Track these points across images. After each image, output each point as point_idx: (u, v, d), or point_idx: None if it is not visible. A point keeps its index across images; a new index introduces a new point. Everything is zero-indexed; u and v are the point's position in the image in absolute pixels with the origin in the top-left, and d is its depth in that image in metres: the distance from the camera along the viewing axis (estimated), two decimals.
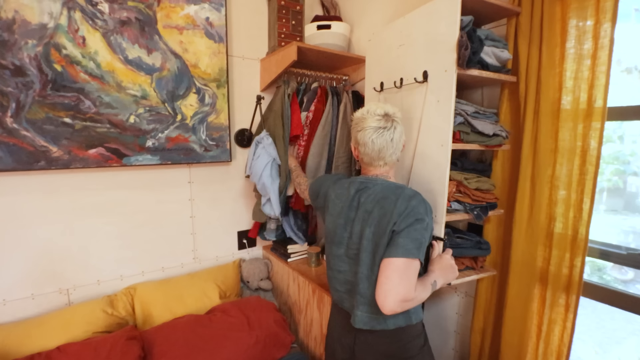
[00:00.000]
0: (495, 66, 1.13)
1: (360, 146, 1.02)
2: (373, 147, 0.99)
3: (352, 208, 1.02)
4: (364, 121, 1.00)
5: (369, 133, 0.98)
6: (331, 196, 1.09)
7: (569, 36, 1.05)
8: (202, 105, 1.70)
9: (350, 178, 1.10)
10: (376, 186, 1.00)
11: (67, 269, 1.48)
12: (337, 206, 1.05)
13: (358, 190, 1.02)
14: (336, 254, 1.06)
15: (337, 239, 1.05)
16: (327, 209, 1.09)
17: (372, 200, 0.97)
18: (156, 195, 1.69)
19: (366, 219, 0.97)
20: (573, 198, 1.08)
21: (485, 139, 1.14)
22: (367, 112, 1.01)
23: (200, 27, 1.64)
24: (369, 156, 1.01)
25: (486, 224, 1.28)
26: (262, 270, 1.92)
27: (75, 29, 1.36)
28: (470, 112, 1.13)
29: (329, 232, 1.08)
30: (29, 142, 1.32)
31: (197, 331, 1.41)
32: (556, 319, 1.11)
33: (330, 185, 1.13)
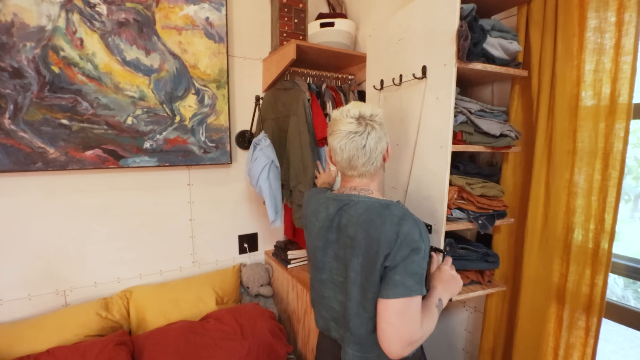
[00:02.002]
0: (502, 59, 1.02)
1: (332, 152, 0.88)
2: (342, 155, 0.85)
3: (332, 229, 0.86)
4: (336, 123, 0.86)
5: (337, 138, 0.84)
6: (307, 213, 0.95)
7: (588, 24, 0.94)
8: (202, 107, 1.68)
9: (329, 192, 0.94)
10: (358, 204, 0.83)
11: (64, 271, 1.48)
12: (314, 226, 0.91)
13: (339, 209, 0.86)
14: (319, 279, 0.92)
15: (318, 264, 0.91)
16: (306, 227, 0.96)
17: (355, 223, 0.81)
18: (154, 198, 1.67)
19: (350, 247, 0.81)
20: (594, 207, 0.96)
21: (491, 140, 1.03)
22: (341, 113, 0.86)
23: (199, 28, 1.62)
24: (340, 165, 0.88)
25: (495, 234, 1.17)
26: (262, 276, 1.87)
27: (73, 31, 1.36)
28: (474, 110, 1.03)
29: (309, 253, 0.96)
30: (26, 144, 1.33)
31: (188, 338, 1.37)
32: (575, 344, 0.98)
33: (309, 199, 0.99)
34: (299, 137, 1.56)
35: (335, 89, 1.73)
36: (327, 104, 1.66)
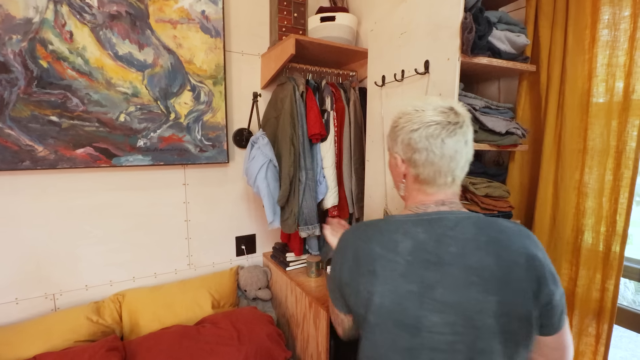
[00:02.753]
0: (509, 53, 0.98)
1: (418, 153, 0.64)
2: (442, 153, 0.63)
3: (430, 265, 0.60)
4: (420, 115, 0.64)
5: (433, 131, 0.62)
6: (373, 251, 0.64)
7: (601, 16, 0.89)
8: (197, 104, 1.63)
9: (391, 218, 0.68)
10: (461, 223, 0.62)
11: (53, 273, 1.43)
12: (393, 265, 0.62)
13: (437, 235, 0.62)
14: (405, 347, 0.60)
15: (408, 321, 0.60)
16: (373, 275, 0.63)
17: (474, 247, 0.59)
18: (148, 198, 1.62)
19: (478, 283, 0.58)
20: (605, 208, 0.92)
21: (496, 138, 0.98)
22: (424, 104, 0.66)
23: (195, 21, 1.57)
24: (432, 169, 0.64)
25: None
26: (260, 279, 1.82)
27: (62, 23, 1.31)
28: (479, 106, 0.99)
29: (385, 312, 0.62)
30: (13, 141, 1.27)
31: (183, 344, 1.32)
32: (585, 351, 0.94)
33: (352, 238, 0.69)
34: (282, 131, 1.52)
35: (335, 86, 1.69)
36: (326, 99, 1.61)
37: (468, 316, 0.58)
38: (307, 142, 1.54)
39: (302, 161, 1.52)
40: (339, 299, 0.71)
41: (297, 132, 1.50)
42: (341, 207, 1.63)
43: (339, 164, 1.63)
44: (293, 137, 1.49)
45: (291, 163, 1.49)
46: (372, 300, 0.62)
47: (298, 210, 1.52)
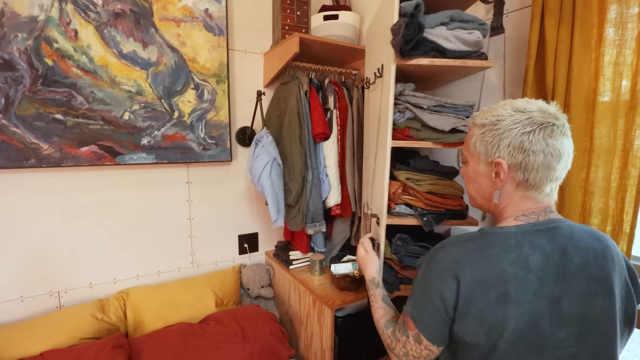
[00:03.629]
0: (459, 51, 0.98)
1: (534, 156, 0.60)
2: (562, 154, 0.60)
3: (557, 278, 0.58)
4: (529, 116, 0.61)
5: (552, 132, 0.60)
6: (505, 272, 0.58)
7: (609, 14, 0.89)
8: (201, 102, 1.63)
9: (500, 230, 0.63)
10: (575, 231, 0.61)
11: (58, 271, 1.43)
12: (526, 284, 0.58)
13: (561, 246, 0.60)
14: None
15: (541, 340, 0.58)
16: (507, 299, 0.58)
17: (593, 256, 0.60)
18: (152, 196, 1.62)
19: (603, 292, 0.59)
20: (612, 207, 0.92)
21: (440, 136, 0.99)
22: (525, 105, 0.63)
23: (199, 20, 1.57)
24: (548, 173, 0.61)
25: None
26: (263, 277, 1.82)
27: (67, 21, 1.31)
28: (427, 105, 1.00)
29: (518, 336, 0.58)
30: (18, 139, 1.27)
31: (187, 341, 1.32)
32: None
33: (468, 260, 0.61)
34: (290, 131, 1.52)
35: (338, 84, 1.69)
36: (329, 98, 1.61)
37: (593, 325, 0.58)
38: (312, 141, 1.54)
39: (308, 160, 1.52)
40: (442, 326, 0.62)
41: (304, 132, 1.50)
42: (344, 205, 1.63)
43: (341, 163, 1.63)
44: (301, 136, 1.49)
45: (302, 162, 1.49)
46: (505, 327, 0.57)
47: (306, 208, 1.53)
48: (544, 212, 0.63)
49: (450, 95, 1.42)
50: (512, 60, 1.19)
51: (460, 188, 1.06)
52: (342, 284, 1.43)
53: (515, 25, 1.17)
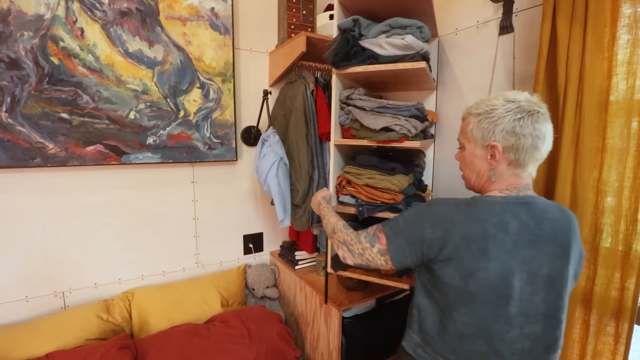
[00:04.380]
0: (391, 56, 1.05)
1: (524, 138, 0.70)
2: (545, 137, 0.71)
3: (530, 243, 0.70)
4: (518, 105, 0.71)
5: (538, 118, 0.70)
6: (487, 231, 0.69)
7: (622, 13, 0.89)
8: (207, 101, 1.62)
9: (489, 198, 0.74)
10: (548, 206, 0.73)
11: (63, 271, 1.42)
12: (504, 243, 0.69)
13: (537, 217, 0.71)
14: (504, 315, 0.70)
15: (509, 292, 0.69)
16: (484, 254, 0.69)
17: (560, 227, 0.72)
18: (157, 196, 1.61)
19: (562, 256, 0.71)
20: (625, 207, 0.91)
21: (372, 134, 1.10)
22: (514, 95, 0.74)
23: (204, 18, 1.56)
24: (535, 153, 0.71)
25: None
26: (268, 278, 1.82)
27: (73, 20, 1.30)
28: (370, 107, 1.11)
29: (490, 285, 0.69)
30: (24, 138, 1.26)
31: (193, 342, 1.31)
32: (603, 351, 0.94)
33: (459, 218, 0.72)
34: (296, 130, 1.51)
35: None
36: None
37: (552, 282, 0.71)
38: (318, 140, 1.54)
39: (315, 159, 1.51)
40: (410, 254, 0.76)
41: (310, 131, 1.50)
42: None
43: None
44: (307, 136, 1.48)
45: (309, 162, 1.48)
46: (478, 274, 0.69)
47: (312, 208, 1.52)
48: (524, 188, 0.75)
49: (461, 95, 1.41)
50: (522, 59, 1.18)
51: (396, 183, 1.11)
52: (349, 284, 1.43)
53: (525, 24, 1.16)
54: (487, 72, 1.29)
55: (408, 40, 1.01)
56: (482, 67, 1.31)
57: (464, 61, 1.38)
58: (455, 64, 1.42)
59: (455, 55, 1.41)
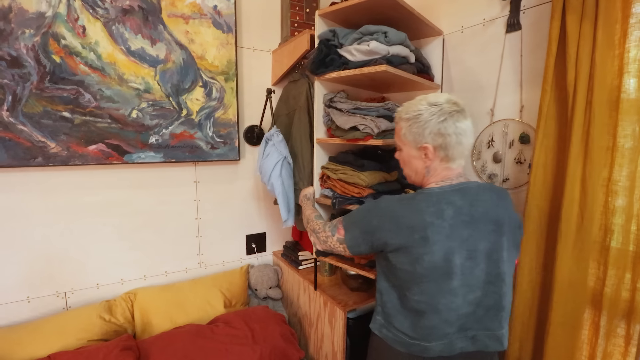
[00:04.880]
0: (359, 62, 1.12)
1: (449, 137, 0.80)
2: (466, 133, 0.81)
3: (465, 224, 0.79)
4: (440, 108, 0.81)
5: (457, 117, 0.80)
6: (425, 221, 0.78)
7: (633, 10, 0.87)
8: (209, 100, 1.61)
9: (428, 191, 0.83)
10: (480, 189, 0.83)
11: (64, 271, 1.41)
12: (441, 228, 0.77)
13: (470, 200, 0.80)
14: (448, 289, 0.79)
15: (451, 270, 0.78)
16: (426, 241, 0.78)
17: (491, 206, 0.82)
18: (159, 195, 1.60)
19: (496, 230, 0.81)
20: (636, 207, 0.90)
21: (343, 133, 1.21)
22: (436, 99, 0.83)
23: (207, 16, 1.55)
24: (460, 148, 0.81)
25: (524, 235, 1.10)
26: (271, 278, 1.80)
27: (75, 17, 1.28)
28: (346, 108, 1.21)
29: (433, 267, 0.78)
30: (25, 137, 1.25)
31: (197, 343, 1.30)
32: (613, 352, 0.92)
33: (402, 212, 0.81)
34: (300, 129, 1.49)
35: None
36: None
37: (489, 254, 0.81)
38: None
39: None
40: (363, 244, 0.88)
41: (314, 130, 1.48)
42: None
43: None
44: (311, 135, 1.47)
45: (313, 161, 1.46)
46: (423, 259, 0.78)
47: None
48: (456, 177, 0.85)
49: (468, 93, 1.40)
50: (529, 57, 1.17)
51: (364, 179, 1.19)
52: (353, 284, 1.41)
53: (533, 21, 1.15)
54: (494, 71, 1.28)
55: (371, 45, 1.08)
56: (488, 65, 1.30)
57: (470, 59, 1.37)
58: (461, 62, 1.40)
59: (461, 53, 1.40)
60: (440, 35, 1.46)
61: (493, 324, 0.83)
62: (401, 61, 1.17)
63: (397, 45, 1.13)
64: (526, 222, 1.08)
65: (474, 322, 0.82)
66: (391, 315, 0.86)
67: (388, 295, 0.87)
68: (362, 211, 0.90)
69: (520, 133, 1.20)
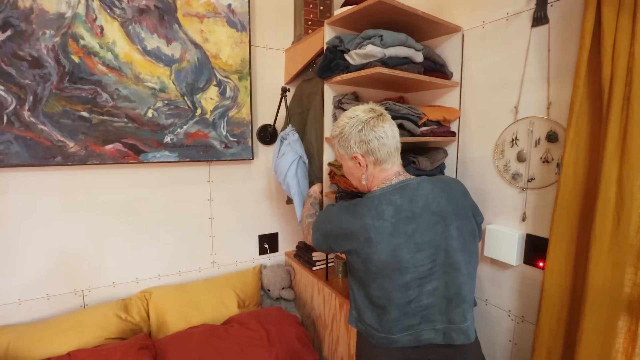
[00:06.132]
0: (358, 65, 1.19)
1: (371, 142, 0.88)
2: (386, 134, 0.88)
3: (407, 220, 0.84)
4: (356, 118, 0.90)
5: (374, 123, 0.88)
6: (366, 224, 0.84)
7: None
8: (223, 99, 1.60)
9: (371, 194, 0.90)
10: (421, 184, 0.88)
11: (82, 270, 1.42)
12: (383, 229, 0.83)
13: (409, 197, 0.85)
14: (401, 283, 0.84)
15: (402, 265, 0.83)
16: (370, 242, 0.84)
17: (432, 198, 0.86)
18: (174, 195, 1.60)
19: (440, 221, 0.85)
20: None
21: None
22: (353, 112, 0.92)
23: (221, 15, 1.54)
24: (385, 149, 0.89)
25: (551, 237, 1.05)
26: (284, 279, 1.79)
27: (93, 18, 1.29)
28: None
29: (383, 264, 0.84)
30: (45, 137, 1.27)
31: (212, 343, 1.29)
32: None
33: (346, 218, 0.90)
34: (315, 128, 1.47)
35: None
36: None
37: (438, 245, 0.85)
38: None
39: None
40: (323, 244, 0.99)
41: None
42: None
43: None
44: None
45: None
46: (372, 258, 0.84)
47: None
48: (395, 176, 0.91)
49: (489, 90, 1.35)
50: (558, 52, 1.11)
51: None
52: None
53: (562, 14, 1.09)
54: (517, 67, 1.22)
55: (367, 49, 1.13)
56: (512, 61, 1.24)
57: (492, 55, 1.32)
58: (482, 59, 1.35)
59: (483, 49, 1.35)
60: (458, 32, 1.41)
61: (456, 317, 0.85)
62: (401, 62, 1.20)
63: (395, 47, 1.17)
64: (554, 224, 1.03)
65: (437, 314, 0.86)
66: (361, 309, 0.93)
67: (357, 291, 0.93)
68: (321, 216, 1.01)
69: (547, 131, 1.14)
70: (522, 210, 1.23)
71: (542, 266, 1.15)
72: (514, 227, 1.25)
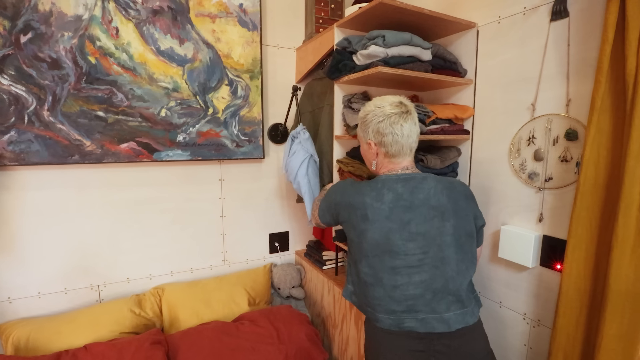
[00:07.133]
0: (363, 65, 1.21)
1: (386, 136, 0.93)
2: (402, 133, 0.92)
3: (405, 209, 0.90)
4: (381, 110, 0.94)
5: (394, 120, 0.92)
6: (365, 202, 0.92)
7: None
8: (235, 98, 1.61)
9: (379, 178, 0.96)
10: (426, 179, 0.93)
11: (98, 265, 1.46)
12: (380, 210, 0.90)
13: (411, 188, 0.91)
14: (388, 267, 0.90)
15: (393, 248, 0.89)
16: (366, 218, 0.91)
17: (434, 193, 0.91)
18: (186, 193, 1.62)
19: (438, 216, 0.89)
20: None
21: (351, 130, 1.32)
22: (381, 102, 0.96)
23: (233, 15, 1.55)
24: (397, 146, 0.93)
25: (570, 239, 1.01)
26: (294, 277, 1.79)
27: (109, 19, 1.32)
28: (357, 108, 1.27)
29: (375, 243, 0.91)
30: (64, 136, 1.30)
31: (223, 340, 1.31)
32: None
33: (350, 192, 0.99)
34: (329, 127, 1.46)
35: None
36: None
37: (432, 238, 0.89)
38: None
39: None
40: (328, 218, 1.08)
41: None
42: None
43: None
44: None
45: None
46: (366, 234, 0.92)
47: None
48: (402, 169, 0.96)
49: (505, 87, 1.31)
50: (578, 46, 1.07)
51: (366, 171, 1.26)
52: None
53: (583, 7, 1.05)
54: (535, 62, 1.18)
55: (370, 49, 1.16)
56: (529, 56, 1.20)
57: (508, 51, 1.28)
58: (498, 55, 1.32)
59: (498, 45, 1.31)
60: (473, 28, 1.37)
61: (440, 306, 0.89)
62: (405, 60, 1.21)
63: (399, 46, 1.18)
64: (573, 225, 0.99)
65: (423, 305, 0.89)
66: (355, 284, 1.00)
67: (354, 266, 0.99)
68: (331, 189, 1.10)
69: (566, 129, 1.10)
70: (539, 210, 1.19)
71: (559, 268, 1.11)
72: (530, 228, 1.22)
